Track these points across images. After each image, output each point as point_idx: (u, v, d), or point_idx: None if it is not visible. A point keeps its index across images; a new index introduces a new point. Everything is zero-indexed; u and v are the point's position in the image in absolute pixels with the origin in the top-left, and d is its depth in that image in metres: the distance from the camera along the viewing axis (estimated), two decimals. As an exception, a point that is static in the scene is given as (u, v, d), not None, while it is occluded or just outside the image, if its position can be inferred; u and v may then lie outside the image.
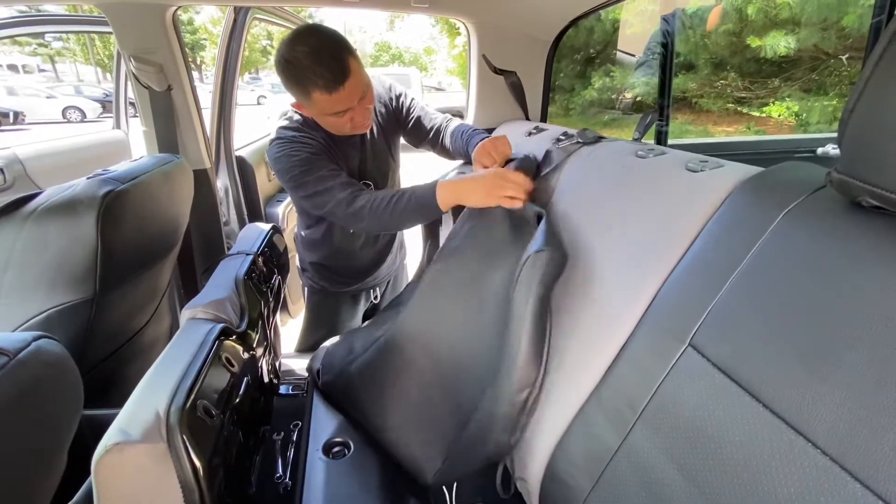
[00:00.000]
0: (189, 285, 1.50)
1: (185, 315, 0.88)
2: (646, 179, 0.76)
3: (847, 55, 4.73)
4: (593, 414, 0.65)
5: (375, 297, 1.45)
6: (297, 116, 1.05)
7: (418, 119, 1.18)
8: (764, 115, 6.86)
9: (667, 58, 1.30)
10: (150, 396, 0.65)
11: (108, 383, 1.05)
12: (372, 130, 1.13)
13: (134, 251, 0.97)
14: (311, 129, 1.04)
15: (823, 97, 5.83)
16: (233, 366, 0.81)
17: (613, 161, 0.86)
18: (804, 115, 6.04)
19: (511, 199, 0.85)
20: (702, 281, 0.58)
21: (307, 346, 1.48)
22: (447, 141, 1.16)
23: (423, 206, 0.92)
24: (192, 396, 0.66)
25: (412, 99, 1.19)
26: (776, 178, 0.59)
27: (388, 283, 1.48)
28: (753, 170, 0.64)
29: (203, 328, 0.83)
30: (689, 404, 0.54)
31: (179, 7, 1.22)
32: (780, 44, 4.60)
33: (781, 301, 0.49)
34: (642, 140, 0.93)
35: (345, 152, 1.09)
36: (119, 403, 0.67)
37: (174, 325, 1.44)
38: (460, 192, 0.89)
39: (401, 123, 1.19)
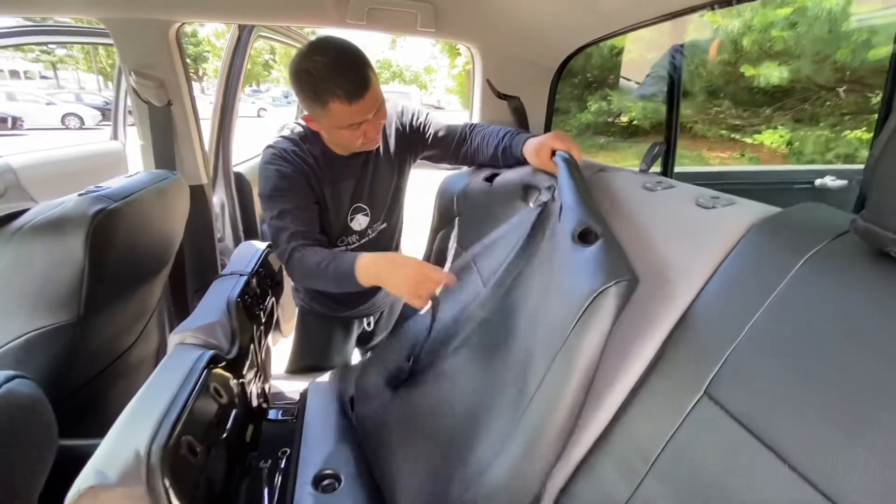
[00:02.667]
0: (179, 303, 1.46)
1: (173, 340, 0.84)
2: (655, 214, 0.74)
3: (844, 87, 4.84)
4: (601, 462, 0.62)
5: (369, 325, 1.41)
6: (298, 129, 1.03)
7: (438, 132, 1.15)
8: (757, 142, 6.98)
9: (674, 91, 1.30)
10: (131, 432, 0.61)
11: (91, 406, 1.00)
12: (378, 152, 1.10)
13: (123, 271, 0.93)
14: (310, 145, 1.01)
15: (816, 127, 5.95)
16: (221, 396, 0.77)
17: (620, 192, 0.84)
18: (797, 143, 6.15)
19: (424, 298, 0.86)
20: (717, 326, 0.55)
21: (296, 368, 1.44)
22: (478, 147, 1.13)
23: (342, 278, 0.93)
24: (176, 432, 0.63)
25: (427, 114, 1.16)
26: (795, 220, 0.57)
27: (383, 312, 1.44)
28: (768, 209, 0.62)
29: (191, 355, 0.79)
30: (705, 458, 0.51)
31: (183, 23, 1.21)
32: (773, 74, 4.71)
33: (806, 353, 0.46)
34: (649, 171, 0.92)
35: (339, 173, 1.06)
36: (101, 428, 0.63)
37: (162, 344, 1.39)
38: (381, 277, 0.90)
39: (420, 142, 1.15)
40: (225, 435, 0.75)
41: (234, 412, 0.81)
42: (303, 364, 1.41)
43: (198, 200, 1.35)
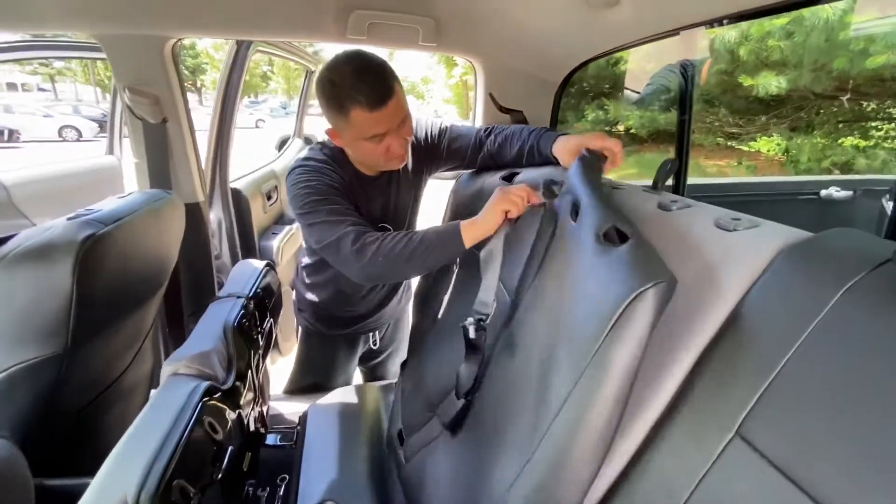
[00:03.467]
0: (175, 324, 1.41)
1: (166, 370, 0.80)
2: (672, 235, 0.71)
3: (848, 97, 4.87)
4: (623, 503, 0.58)
5: (374, 343, 1.37)
6: (326, 149, 1.00)
7: (453, 142, 1.11)
8: (753, 150, 7.01)
9: (685, 105, 1.28)
10: (118, 478, 0.57)
11: (82, 437, 0.96)
12: (399, 173, 1.07)
13: (114, 298, 0.89)
14: (339, 165, 0.98)
15: (811, 135, 5.97)
16: (217, 432, 0.73)
17: (635, 211, 0.81)
18: (793, 151, 6.17)
19: (507, 212, 0.84)
20: (748, 360, 0.52)
21: (297, 388, 1.39)
22: (499, 149, 1.08)
23: (445, 243, 0.86)
24: (167, 476, 0.58)
25: (440, 124, 1.12)
26: (828, 247, 0.54)
27: (389, 326, 1.40)
28: (795, 233, 0.59)
29: (185, 387, 0.75)
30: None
31: (180, 39, 1.19)
32: (771, 83, 4.73)
33: (851, 393, 0.43)
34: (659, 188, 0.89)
35: (368, 194, 1.03)
36: (94, 459, 0.59)
37: (157, 367, 1.34)
38: (480, 229, 0.86)
39: (436, 154, 1.12)
40: (221, 475, 0.71)
41: (230, 448, 0.76)
42: (304, 384, 1.37)
43: (194, 219, 1.32)
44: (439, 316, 1.17)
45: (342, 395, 1.28)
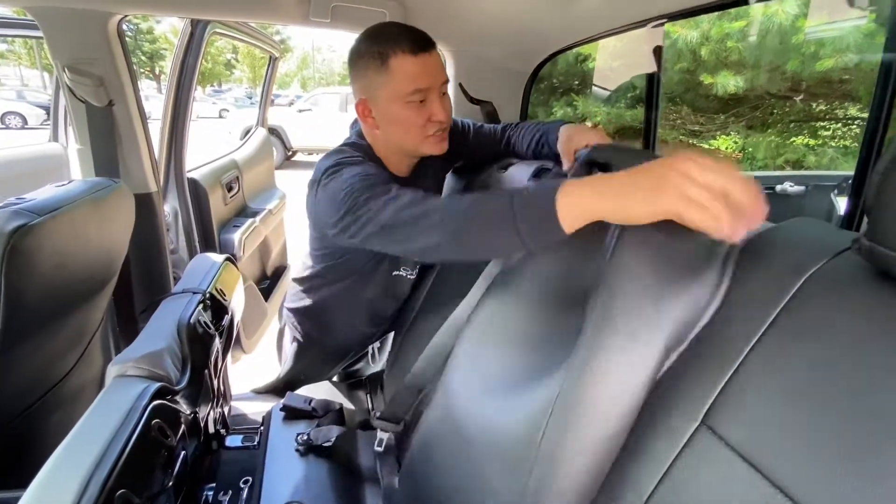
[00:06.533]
0: (127, 322, 1.33)
1: (111, 372, 0.74)
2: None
3: (801, 97, 5.14)
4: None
5: (373, 356, 1.32)
6: (357, 147, 0.89)
7: (479, 136, 1.07)
8: (713, 147, 7.30)
9: (653, 96, 1.30)
10: (55, 488, 0.52)
11: (17, 448, 0.88)
12: (426, 172, 1.00)
13: (52, 295, 0.82)
14: (373, 161, 0.87)
15: (765, 134, 6.29)
16: (167, 436, 0.68)
17: None
18: (750, 149, 6.48)
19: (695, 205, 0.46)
20: (712, 350, 0.52)
21: (271, 390, 1.34)
22: (518, 141, 1.02)
23: (533, 220, 0.53)
24: (109, 486, 0.54)
25: (462, 120, 1.07)
26: (787, 237, 0.54)
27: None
28: None
29: (132, 389, 0.69)
30: (707, 494, 0.47)
31: (126, 16, 1.10)
32: (729, 82, 4.93)
33: (811, 381, 0.43)
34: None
35: None
36: (28, 474, 0.54)
37: (107, 367, 1.27)
38: (604, 196, 0.51)
39: (464, 147, 1.06)
40: (172, 481, 0.66)
41: (182, 453, 0.72)
42: (280, 386, 1.32)
43: (145, 210, 1.24)
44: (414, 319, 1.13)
45: (307, 393, 1.24)
